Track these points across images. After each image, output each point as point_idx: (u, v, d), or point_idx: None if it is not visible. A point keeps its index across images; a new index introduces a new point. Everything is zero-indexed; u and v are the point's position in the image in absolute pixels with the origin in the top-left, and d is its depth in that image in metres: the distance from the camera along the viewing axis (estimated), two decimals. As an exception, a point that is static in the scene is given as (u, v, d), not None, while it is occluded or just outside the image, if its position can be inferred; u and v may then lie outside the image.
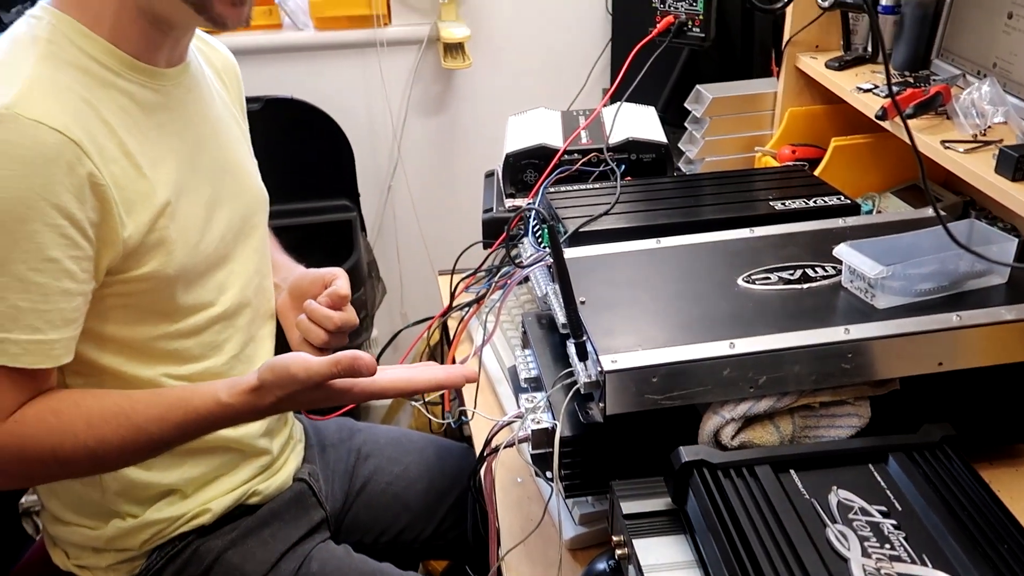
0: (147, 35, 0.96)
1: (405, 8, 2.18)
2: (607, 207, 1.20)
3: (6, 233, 0.84)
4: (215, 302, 1.06)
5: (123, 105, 0.94)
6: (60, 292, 0.87)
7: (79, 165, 0.86)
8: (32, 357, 0.87)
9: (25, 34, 0.91)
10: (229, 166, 1.09)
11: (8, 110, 0.83)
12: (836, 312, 0.93)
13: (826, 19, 1.52)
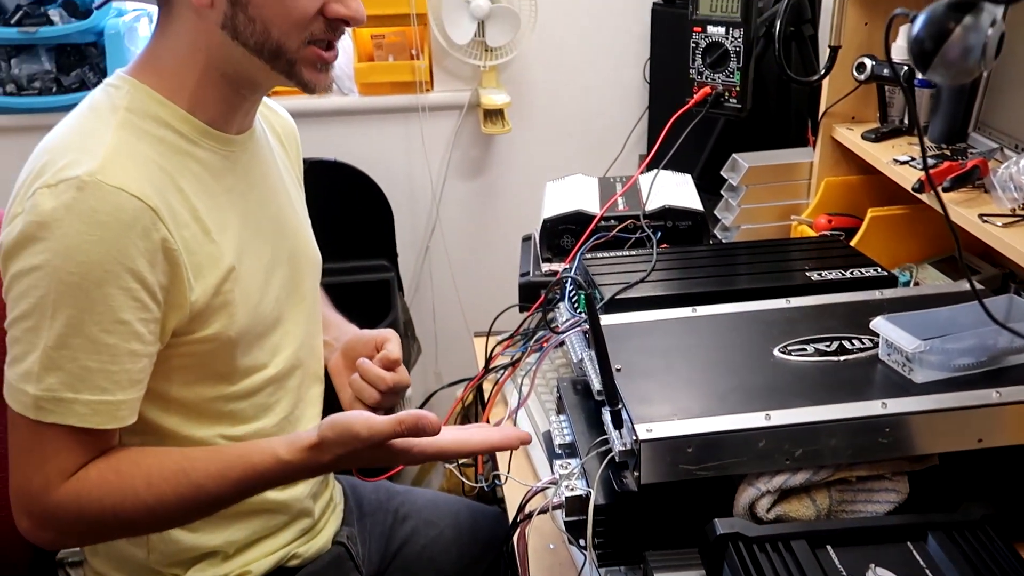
0: (227, 101, 0.99)
1: (447, 75, 2.24)
2: (643, 274, 1.21)
3: (83, 295, 0.86)
4: (268, 364, 1.08)
5: (195, 171, 0.97)
6: (128, 353, 0.90)
7: (154, 231, 0.89)
8: (99, 418, 0.89)
9: (104, 103, 0.95)
10: (287, 229, 1.12)
11: (92, 177, 0.86)
12: (873, 385, 0.93)
13: (862, 91, 1.54)
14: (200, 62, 0.96)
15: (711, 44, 1.52)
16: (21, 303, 0.88)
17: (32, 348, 0.88)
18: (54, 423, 0.88)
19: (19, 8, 2.04)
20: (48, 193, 0.86)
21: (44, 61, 2.09)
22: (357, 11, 0.97)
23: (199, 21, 0.94)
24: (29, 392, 0.88)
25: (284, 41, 0.95)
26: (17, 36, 2.02)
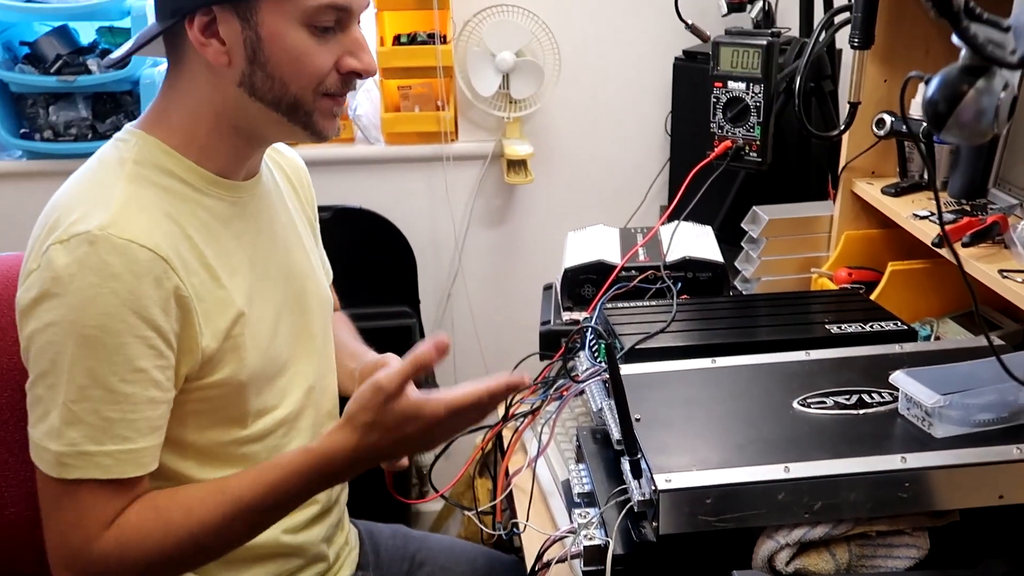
0: (236, 151, 1.02)
1: (472, 125, 2.29)
2: (663, 325, 1.22)
3: (100, 347, 0.88)
4: (279, 405, 1.09)
5: (203, 219, 1.00)
6: (147, 401, 0.91)
7: (166, 279, 0.91)
8: (124, 467, 0.91)
9: (113, 157, 0.98)
10: (296, 271, 1.14)
11: (102, 231, 0.89)
12: (893, 440, 0.93)
13: (882, 146, 1.55)
14: (212, 116, 0.99)
15: (732, 99, 1.55)
16: (40, 360, 0.90)
17: (53, 405, 0.89)
18: (78, 479, 0.89)
19: (59, 58, 2.11)
20: (61, 249, 0.88)
21: (81, 108, 2.16)
22: (369, 64, 1.00)
23: (214, 78, 0.97)
24: (51, 449, 0.89)
25: (301, 95, 0.97)
26: (56, 84, 2.09)
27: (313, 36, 0.95)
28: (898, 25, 1.46)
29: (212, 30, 0.94)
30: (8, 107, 2.16)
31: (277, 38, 0.94)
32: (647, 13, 2.22)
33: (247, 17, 0.93)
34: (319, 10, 0.94)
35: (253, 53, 0.95)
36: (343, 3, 0.95)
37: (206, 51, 0.94)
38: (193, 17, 0.93)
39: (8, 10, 2.05)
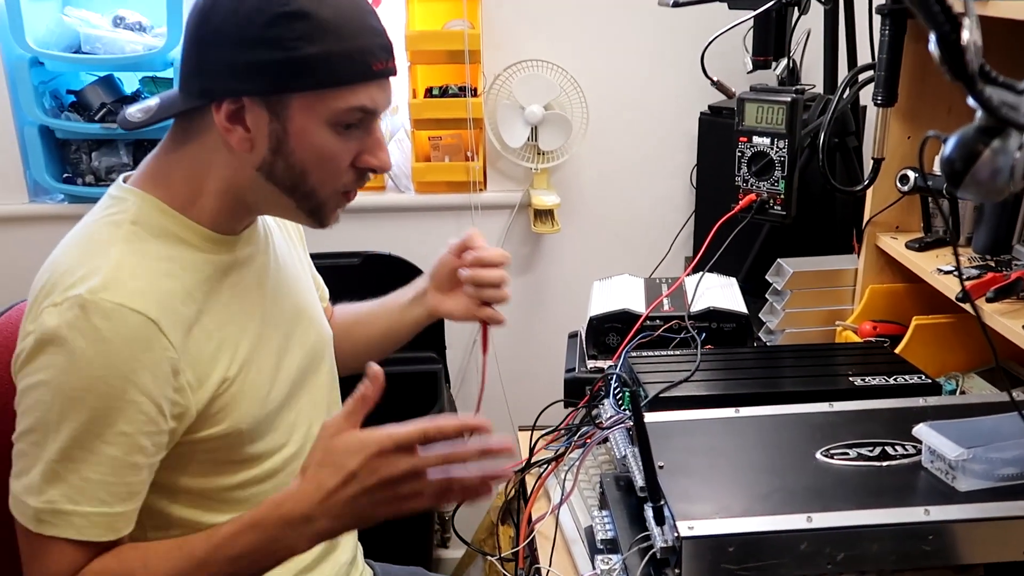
0: (237, 215, 1.04)
1: (500, 176, 2.33)
2: (687, 374, 1.23)
3: (87, 410, 0.90)
4: (287, 443, 1.10)
5: (201, 275, 1.00)
6: (130, 466, 0.93)
7: (156, 344, 0.92)
8: (97, 530, 0.92)
9: (108, 217, 0.98)
10: (296, 310, 1.16)
11: (93, 295, 0.90)
12: (916, 492, 0.93)
13: (906, 201, 1.57)
14: (221, 186, 1.00)
15: (756, 153, 1.57)
16: (28, 417, 0.92)
17: (36, 461, 0.91)
18: (53, 536, 0.91)
19: (103, 106, 2.19)
20: (55, 311, 0.90)
21: (122, 155, 2.23)
22: (385, 162, 1.03)
23: (231, 157, 0.98)
24: (30, 504, 0.91)
25: (319, 188, 1.00)
26: (99, 131, 2.16)
27: (336, 134, 0.98)
28: (921, 84, 1.49)
29: (239, 117, 0.95)
30: (53, 152, 2.23)
31: (304, 134, 0.96)
32: (673, 69, 2.26)
33: (277, 111, 0.95)
34: (348, 112, 0.96)
35: (278, 144, 0.96)
36: (371, 107, 0.98)
37: (230, 136, 0.95)
38: (222, 102, 0.94)
39: (58, 60, 2.13)
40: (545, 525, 1.23)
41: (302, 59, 0.93)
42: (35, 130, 2.17)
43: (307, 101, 0.95)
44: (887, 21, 1.41)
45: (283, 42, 0.92)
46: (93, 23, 2.18)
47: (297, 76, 0.93)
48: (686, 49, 2.20)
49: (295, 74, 0.93)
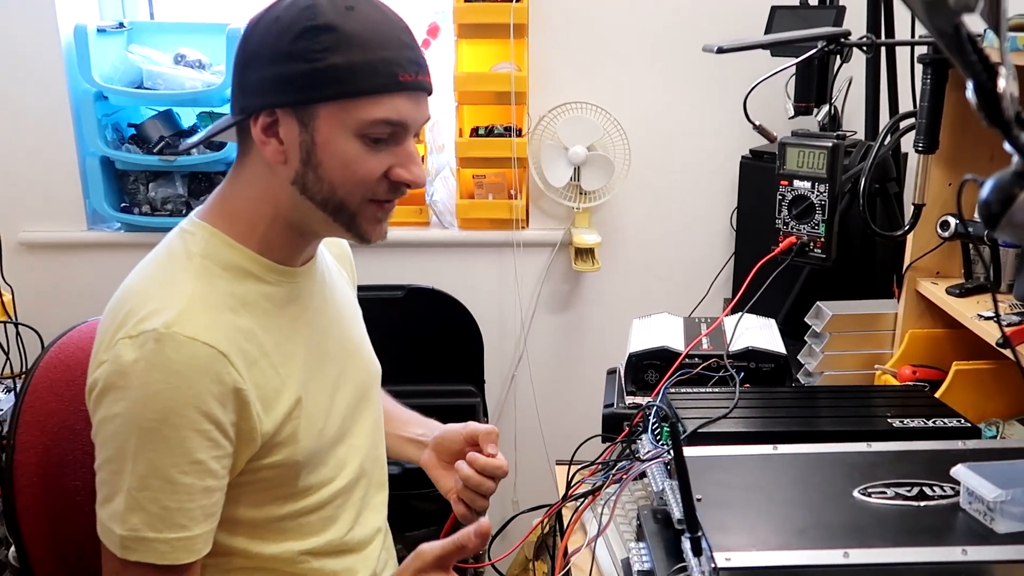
0: (292, 243, 1.07)
1: (542, 214, 2.38)
2: (726, 410, 1.25)
3: (161, 440, 0.93)
4: (336, 477, 1.13)
5: (264, 307, 1.05)
6: (203, 490, 0.96)
7: (225, 375, 0.96)
8: (178, 553, 0.96)
9: (181, 251, 1.03)
10: (350, 346, 1.19)
11: (168, 329, 0.94)
12: (954, 532, 0.93)
13: (947, 247, 1.57)
14: (270, 211, 1.04)
15: (797, 197, 1.59)
16: (107, 448, 0.96)
17: (117, 490, 0.95)
18: (138, 561, 0.95)
19: (161, 139, 2.28)
20: (130, 344, 0.94)
21: (178, 186, 2.31)
22: (419, 177, 1.04)
23: (271, 175, 1.02)
24: (116, 532, 0.95)
25: (348, 199, 1.02)
26: (158, 163, 2.25)
27: (365, 146, 0.99)
28: (962, 132, 1.50)
29: (273, 130, 0.99)
30: (112, 183, 2.32)
31: (330, 144, 0.98)
32: (715, 113, 2.30)
33: (305, 122, 0.98)
34: (373, 124, 0.98)
35: (307, 155, 0.99)
36: (397, 119, 0.99)
37: (265, 148, 1.00)
38: (258, 116, 0.99)
39: (121, 95, 2.23)
40: (580, 558, 1.25)
41: (327, 69, 0.95)
42: (96, 161, 2.26)
43: (333, 111, 0.97)
44: (929, 70, 1.43)
45: (310, 54, 0.95)
46: (155, 60, 2.28)
47: (322, 86, 0.96)
48: (728, 94, 2.24)
49: (320, 84, 0.96)
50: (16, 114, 2.26)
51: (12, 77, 2.24)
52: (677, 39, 2.28)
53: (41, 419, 1.12)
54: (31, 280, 2.21)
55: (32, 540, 1.09)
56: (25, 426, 1.11)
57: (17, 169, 2.29)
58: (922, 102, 1.46)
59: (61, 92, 2.25)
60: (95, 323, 1.24)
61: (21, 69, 2.23)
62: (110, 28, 2.25)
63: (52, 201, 2.32)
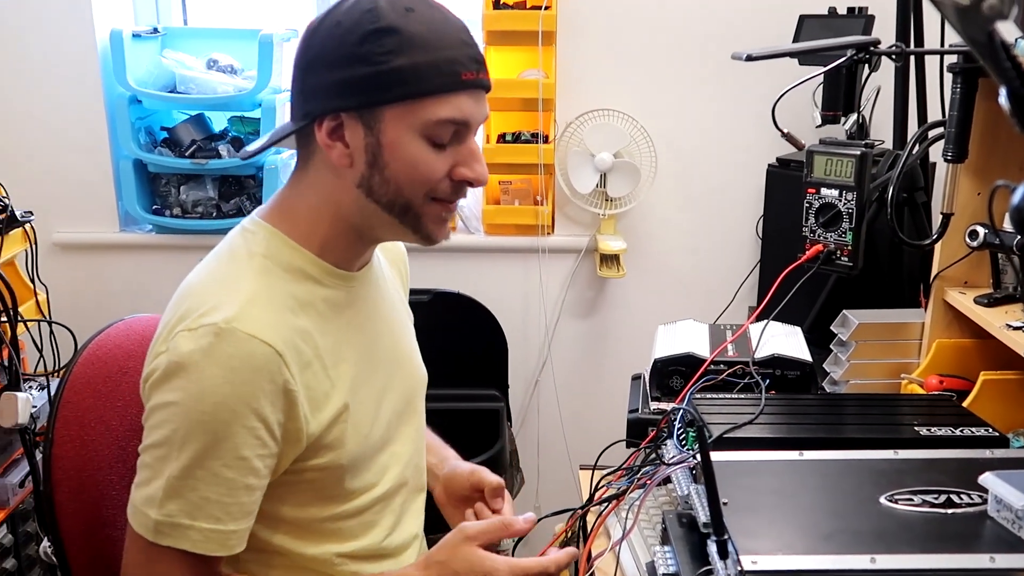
0: (352, 246, 1.08)
1: (568, 220, 2.39)
2: (752, 416, 1.25)
3: (210, 433, 0.95)
4: (378, 483, 1.14)
5: (320, 309, 1.06)
6: (244, 487, 0.98)
7: (279, 374, 0.97)
8: (210, 545, 0.97)
9: (243, 249, 1.05)
10: (399, 353, 1.20)
11: (228, 324, 0.95)
12: (982, 540, 0.94)
13: (975, 257, 1.56)
14: (332, 213, 1.05)
15: (824, 205, 1.59)
16: (155, 432, 0.97)
17: (158, 475, 0.96)
18: (169, 546, 0.96)
19: (193, 143, 2.32)
20: (189, 336, 0.95)
21: (209, 189, 2.34)
22: (482, 175, 1.04)
23: (336, 178, 1.03)
24: (151, 516, 0.96)
25: (413, 200, 1.02)
26: (190, 167, 2.28)
27: (430, 146, 1.00)
28: (992, 141, 1.50)
29: (338, 134, 1.00)
30: (144, 185, 2.36)
31: (396, 146, 0.99)
32: (741, 121, 2.31)
33: (371, 125, 0.99)
34: (438, 124, 0.99)
35: (373, 158, 1.00)
36: (461, 118, 1.00)
37: (331, 152, 1.00)
38: (323, 120, 0.99)
39: (154, 99, 2.27)
40: (604, 562, 1.25)
41: (391, 71, 0.96)
42: (129, 164, 2.30)
43: (398, 112, 0.98)
44: (959, 79, 1.43)
45: (374, 57, 0.96)
46: (188, 65, 2.32)
47: (387, 88, 0.97)
48: (754, 102, 2.25)
49: (385, 86, 0.97)
50: (52, 117, 2.31)
51: (49, 80, 2.28)
52: (704, 47, 2.29)
53: (78, 415, 1.14)
54: (64, 280, 2.25)
55: (68, 533, 1.11)
56: (63, 421, 1.13)
57: (52, 171, 2.34)
58: (952, 111, 1.46)
59: (96, 95, 2.29)
60: (132, 321, 1.28)
61: (58, 72, 2.28)
62: (145, 33, 2.30)
63: (86, 202, 2.36)
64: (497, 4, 2.25)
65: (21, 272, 1.92)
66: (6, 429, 1.68)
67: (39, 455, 1.75)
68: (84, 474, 1.13)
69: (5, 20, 2.24)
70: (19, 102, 2.30)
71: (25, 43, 2.26)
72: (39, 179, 2.32)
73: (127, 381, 1.20)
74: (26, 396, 1.68)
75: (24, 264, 1.93)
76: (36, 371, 1.89)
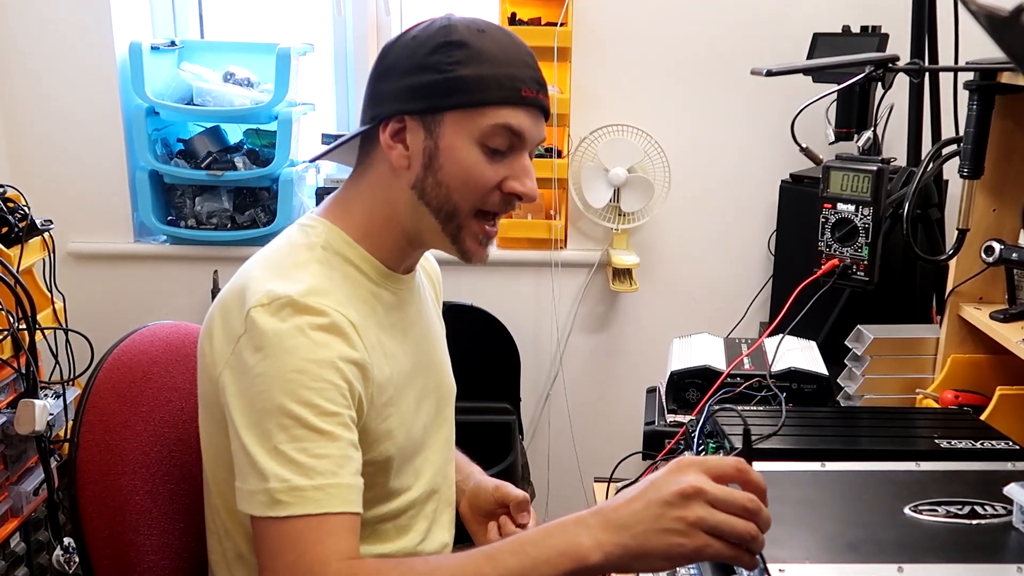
0: (401, 249, 1.12)
1: (580, 235, 2.40)
2: (772, 428, 1.26)
3: (302, 389, 0.94)
4: (412, 486, 1.15)
5: (373, 306, 1.09)
6: (348, 443, 0.97)
7: (356, 342, 1.00)
8: (332, 501, 0.93)
9: (302, 240, 1.08)
10: (435, 361, 1.23)
11: (302, 297, 0.98)
12: (1007, 551, 0.94)
13: (990, 272, 1.57)
14: (386, 214, 1.09)
15: (840, 220, 1.60)
16: (250, 413, 0.95)
17: (263, 451, 0.94)
18: (290, 516, 0.91)
19: (209, 154, 2.33)
20: (264, 311, 0.96)
21: (224, 200, 2.36)
22: (532, 190, 1.08)
23: (393, 179, 1.07)
24: (264, 488, 0.93)
25: (460, 206, 1.06)
26: (206, 178, 2.30)
27: (484, 154, 1.04)
28: (1008, 158, 1.51)
29: (400, 136, 1.05)
30: (159, 196, 2.37)
31: (453, 150, 1.04)
32: (756, 138, 2.33)
33: (431, 129, 1.04)
34: (494, 130, 1.03)
35: (429, 160, 1.04)
36: (516, 127, 1.04)
37: (391, 153, 1.05)
38: (388, 123, 1.05)
39: (171, 110, 2.29)
40: (623, 572, 1.26)
41: (456, 79, 1.02)
42: (145, 175, 2.32)
43: (458, 118, 1.03)
44: (975, 96, 1.44)
45: (442, 66, 1.02)
46: (205, 78, 2.34)
47: (450, 95, 1.02)
48: (768, 119, 2.27)
49: (448, 93, 1.02)
50: (70, 127, 2.33)
51: (69, 91, 2.30)
52: (718, 64, 2.31)
53: (104, 419, 1.15)
54: (79, 289, 2.26)
55: (92, 536, 1.11)
56: (88, 425, 1.13)
57: (69, 181, 2.35)
58: (968, 128, 1.47)
59: (115, 107, 2.31)
60: (156, 327, 1.28)
61: (78, 83, 2.30)
62: (163, 46, 2.32)
63: (101, 213, 2.38)
64: (513, 20, 2.27)
65: (39, 280, 1.93)
66: (22, 436, 1.69)
67: (54, 463, 1.76)
68: (109, 478, 1.13)
69: (27, 31, 2.27)
70: (38, 112, 2.32)
71: (46, 54, 2.28)
72: (55, 189, 2.34)
73: (151, 386, 1.20)
74: (43, 403, 1.69)
75: (41, 273, 1.94)
76: (51, 379, 1.89)
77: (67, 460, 1.13)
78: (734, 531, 0.84)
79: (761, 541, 0.85)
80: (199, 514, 1.16)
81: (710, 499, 0.84)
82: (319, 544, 0.91)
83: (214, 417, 1.05)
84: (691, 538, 0.84)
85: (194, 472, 1.18)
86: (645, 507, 0.86)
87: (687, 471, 0.86)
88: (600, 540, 0.87)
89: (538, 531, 0.91)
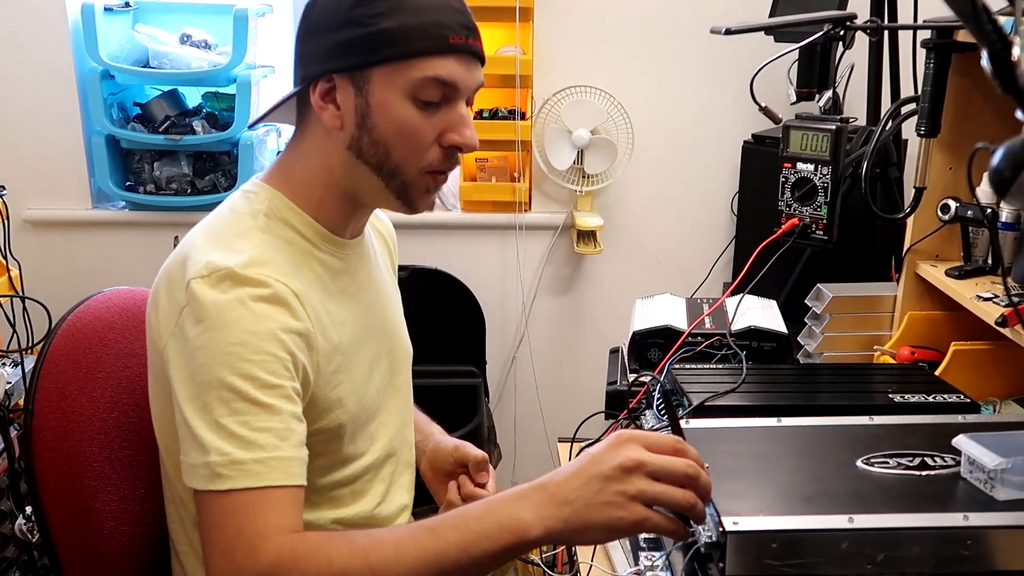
0: (345, 211, 1.10)
1: (545, 197, 2.40)
2: (731, 385, 1.27)
3: (243, 361, 0.93)
4: (367, 451, 1.15)
5: (318, 272, 1.07)
6: (290, 415, 0.95)
7: (300, 313, 0.99)
8: (274, 473, 0.91)
9: (245, 208, 1.06)
10: (387, 325, 1.21)
11: (243, 268, 0.96)
12: (955, 500, 0.96)
13: (947, 230, 1.60)
14: (326, 176, 1.07)
15: (800, 179, 1.61)
16: (191, 385, 0.95)
17: (204, 423, 0.93)
18: (231, 489, 0.91)
19: (167, 119, 2.29)
20: (203, 283, 0.95)
21: (183, 165, 2.32)
22: (470, 139, 1.05)
23: (329, 140, 1.05)
24: (205, 461, 0.92)
25: (403, 165, 1.04)
26: (164, 143, 2.26)
27: (418, 109, 1.01)
28: (964, 116, 1.53)
29: (331, 96, 1.02)
30: (117, 162, 2.33)
31: (384, 107, 1.01)
32: (718, 98, 2.33)
33: (360, 86, 1.01)
34: (424, 82, 1.00)
35: (362, 119, 1.02)
36: (447, 78, 1.01)
37: (323, 114, 1.03)
38: (317, 83, 1.02)
39: (126, 74, 2.24)
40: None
41: (380, 32, 0.99)
42: (102, 140, 2.27)
43: (386, 74, 1.00)
44: (932, 55, 1.45)
45: (364, 19, 0.99)
46: (161, 40, 2.29)
47: (375, 49, 0.99)
48: (730, 79, 2.27)
49: (373, 48, 0.99)
50: (23, 92, 2.27)
51: (20, 55, 2.25)
52: (681, 24, 2.30)
53: (59, 385, 1.13)
54: (36, 257, 2.22)
55: (50, 504, 1.10)
56: (43, 392, 1.12)
57: (23, 147, 2.30)
58: (924, 86, 1.48)
59: (68, 70, 2.26)
60: (111, 293, 1.27)
61: (29, 47, 2.24)
62: (117, 7, 2.26)
63: (57, 179, 2.33)
64: (474, -20, 2.24)
65: (-7, 248, 1.90)
66: (-20, 406, 1.67)
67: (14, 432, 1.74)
68: (66, 445, 1.12)
69: (-28, -7, 2.20)
70: (-13, 77, 2.26)
71: (-7, 16, 2.22)
72: (9, 155, 2.29)
73: (108, 352, 1.19)
74: (0, 372, 1.66)
75: (-5, 240, 1.90)
76: (9, 348, 1.86)
77: (23, 429, 1.11)
78: (674, 501, 0.87)
79: (700, 508, 0.88)
80: (159, 480, 1.16)
81: (650, 471, 0.87)
82: (260, 518, 0.91)
83: (162, 387, 1.02)
84: (631, 511, 0.86)
85: (154, 438, 1.17)
86: (586, 482, 0.87)
87: (627, 445, 0.88)
88: (542, 515, 0.88)
89: (480, 505, 0.92)
